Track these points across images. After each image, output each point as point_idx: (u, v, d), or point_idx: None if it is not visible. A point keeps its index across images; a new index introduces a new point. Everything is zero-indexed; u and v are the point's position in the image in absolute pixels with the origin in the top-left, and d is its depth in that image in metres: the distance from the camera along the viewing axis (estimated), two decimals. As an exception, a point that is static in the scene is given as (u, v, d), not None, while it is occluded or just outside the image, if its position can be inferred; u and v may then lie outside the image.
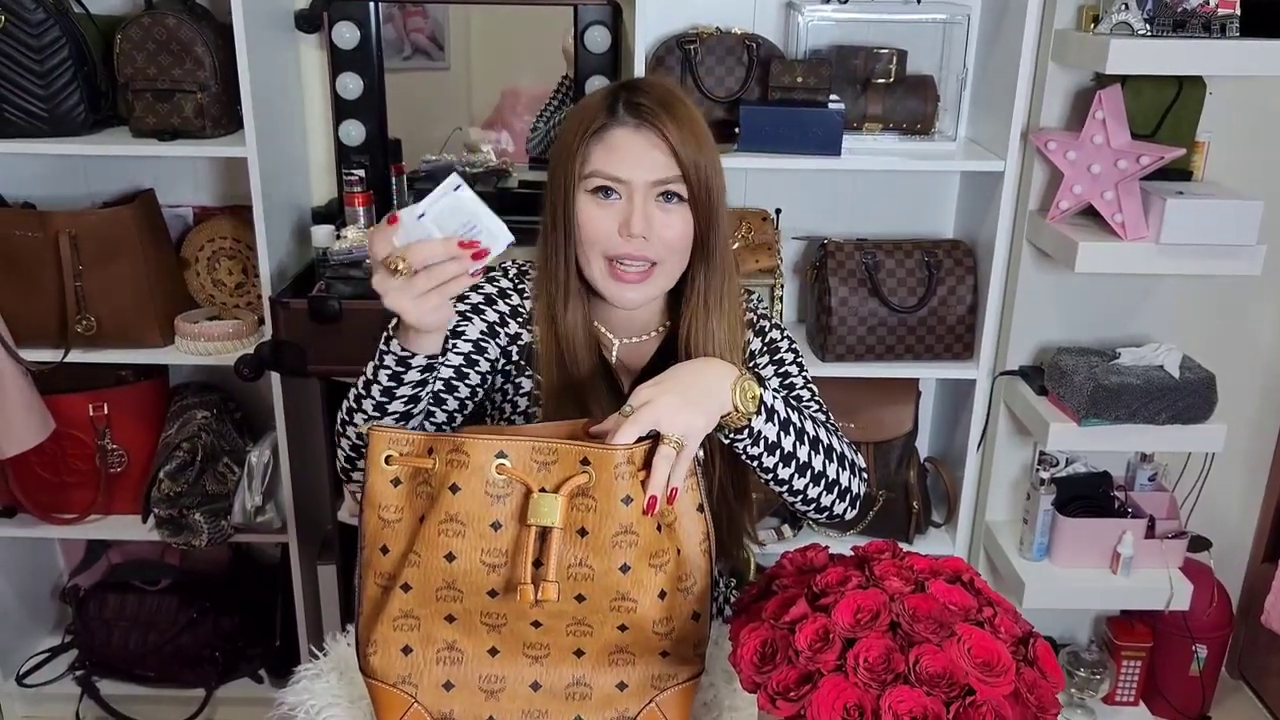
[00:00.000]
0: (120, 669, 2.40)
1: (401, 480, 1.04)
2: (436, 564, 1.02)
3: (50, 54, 1.98)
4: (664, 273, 1.24)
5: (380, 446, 1.04)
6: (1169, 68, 1.86)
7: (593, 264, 1.24)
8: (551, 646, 1.06)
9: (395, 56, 2.28)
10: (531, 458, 1.01)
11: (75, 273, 2.08)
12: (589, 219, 1.22)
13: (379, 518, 1.05)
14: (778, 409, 1.18)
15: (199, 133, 2.06)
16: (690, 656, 1.10)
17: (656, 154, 1.19)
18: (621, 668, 1.08)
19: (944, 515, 2.36)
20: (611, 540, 1.02)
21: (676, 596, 1.07)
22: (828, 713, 0.83)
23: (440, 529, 1.01)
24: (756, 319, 1.38)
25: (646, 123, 1.19)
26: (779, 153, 2.02)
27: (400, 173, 2.33)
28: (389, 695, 1.07)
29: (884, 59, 2.09)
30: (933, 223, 2.34)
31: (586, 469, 1.01)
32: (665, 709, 1.10)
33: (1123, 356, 2.07)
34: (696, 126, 1.22)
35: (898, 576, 0.92)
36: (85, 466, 2.26)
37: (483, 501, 1.01)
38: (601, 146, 1.21)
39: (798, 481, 1.21)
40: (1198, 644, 2.35)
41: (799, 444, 1.19)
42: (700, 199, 1.21)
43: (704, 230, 1.23)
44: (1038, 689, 0.86)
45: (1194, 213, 1.89)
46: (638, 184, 1.20)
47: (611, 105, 1.22)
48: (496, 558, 1.02)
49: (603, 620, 1.04)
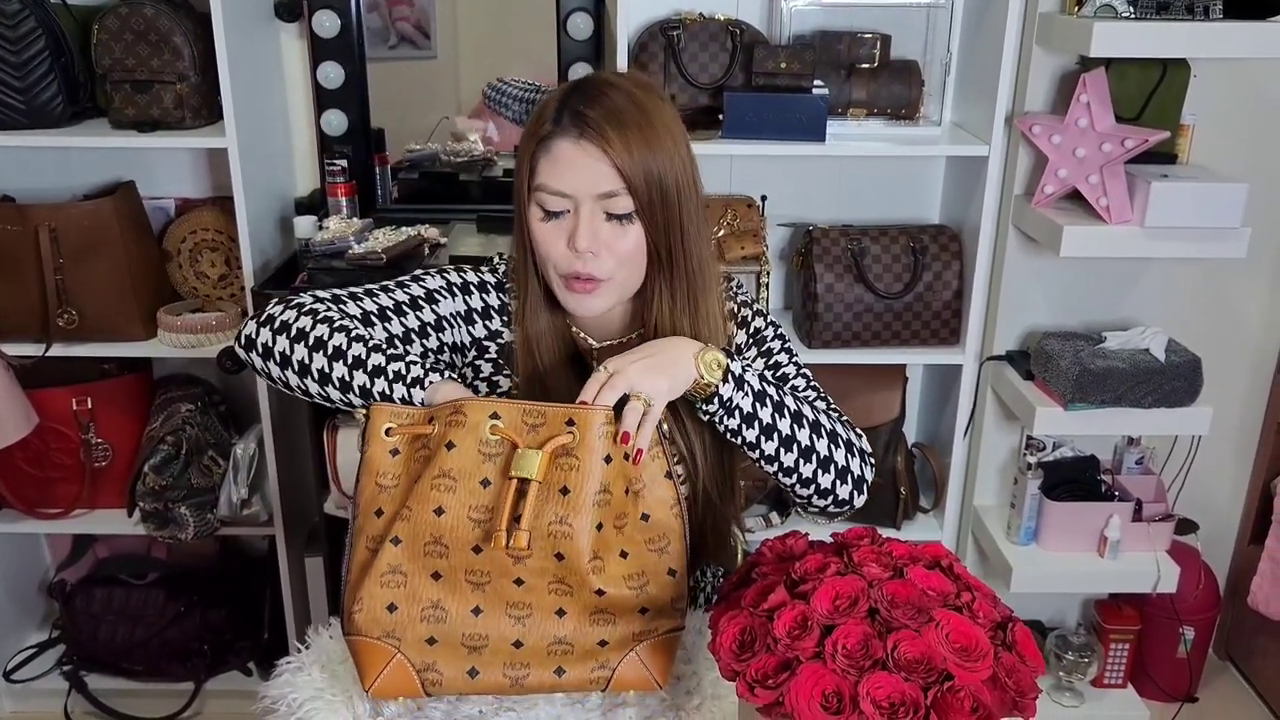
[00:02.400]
0: (108, 663, 2.39)
1: (400, 449, 1.09)
2: (426, 518, 1.05)
3: (26, 45, 1.96)
4: (617, 285, 1.22)
5: (381, 420, 1.09)
6: (1153, 50, 1.86)
7: (550, 278, 1.23)
8: (534, 606, 1.08)
9: (381, 45, 2.26)
10: (522, 419, 1.06)
11: (56, 266, 2.06)
12: (539, 234, 1.20)
13: (376, 484, 1.09)
14: (749, 380, 1.18)
15: (179, 124, 2.04)
16: (669, 610, 1.12)
17: (599, 166, 1.15)
18: (602, 627, 1.10)
19: (932, 501, 2.36)
20: (590, 499, 1.05)
21: (647, 556, 1.10)
22: (806, 700, 0.83)
23: (434, 484, 1.05)
24: (738, 308, 1.35)
25: (589, 133, 1.14)
26: (763, 139, 2.01)
27: (384, 163, 2.32)
28: (372, 648, 1.08)
29: (868, 44, 2.09)
30: (918, 208, 2.33)
31: (571, 429, 1.05)
32: (645, 658, 1.11)
33: (1108, 340, 2.07)
34: (649, 132, 1.16)
35: (876, 563, 0.92)
36: (69, 461, 2.25)
37: (475, 459, 1.05)
38: (547, 158, 1.17)
39: (786, 457, 1.20)
40: (1185, 626, 2.36)
41: (778, 416, 1.19)
42: (653, 207, 1.17)
43: (659, 240, 1.19)
44: (1016, 674, 0.86)
45: (1179, 196, 1.89)
46: (582, 197, 1.16)
47: (558, 113, 1.17)
48: (482, 514, 1.05)
49: (581, 583, 1.07)
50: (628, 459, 1.08)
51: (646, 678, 1.11)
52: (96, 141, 2.05)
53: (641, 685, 1.11)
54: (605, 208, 1.17)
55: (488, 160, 2.39)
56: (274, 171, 2.23)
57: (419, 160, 2.38)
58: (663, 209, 1.18)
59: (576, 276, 1.20)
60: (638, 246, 1.19)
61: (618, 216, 1.18)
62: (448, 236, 2.19)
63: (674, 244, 1.20)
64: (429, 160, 2.39)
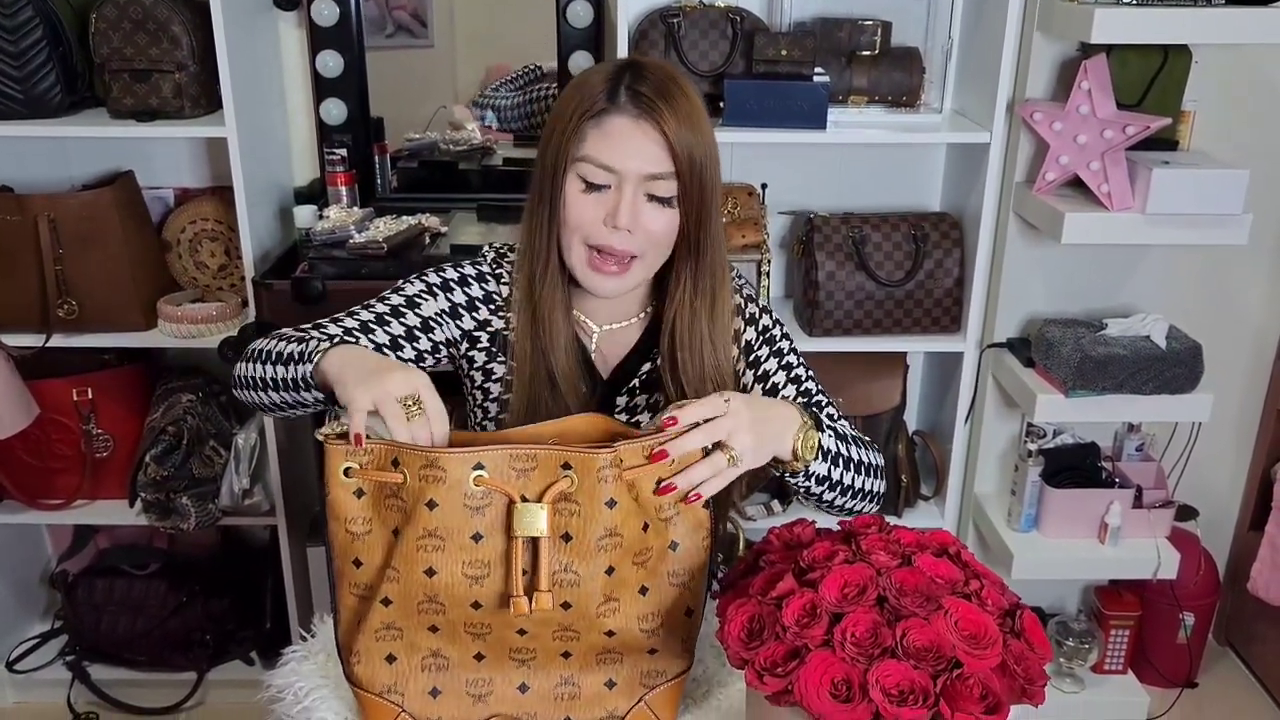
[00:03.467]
0: (111, 654, 2.39)
1: (365, 491, 1.00)
2: (416, 579, 0.99)
3: (24, 34, 1.95)
4: (643, 265, 1.22)
5: (338, 461, 0.99)
6: (1155, 36, 1.85)
7: (574, 249, 1.22)
8: (538, 651, 1.05)
9: (378, 34, 2.25)
10: (510, 465, 0.98)
11: (55, 256, 2.05)
12: (575, 203, 1.20)
13: (346, 531, 1.01)
14: (832, 448, 1.18)
15: (178, 113, 2.03)
16: (680, 652, 1.09)
17: (653, 148, 1.17)
18: (609, 666, 1.08)
19: (933, 488, 2.37)
20: (596, 544, 1.00)
21: (667, 592, 1.06)
22: (815, 687, 0.83)
23: (419, 544, 0.98)
24: (744, 303, 1.35)
25: (646, 114, 1.16)
26: (764, 127, 2.00)
27: (383, 152, 2.31)
28: (375, 705, 1.06)
29: (869, 31, 2.08)
30: (919, 196, 2.33)
31: (568, 473, 0.99)
32: (654, 707, 1.09)
33: (1109, 327, 2.07)
34: (696, 117, 1.18)
35: (884, 551, 0.92)
36: (70, 452, 2.24)
37: (461, 515, 0.98)
38: (599, 132, 1.17)
39: (838, 500, 1.24)
40: (1185, 612, 2.37)
41: (845, 471, 1.21)
42: (692, 195, 1.19)
43: (692, 226, 1.21)
44: (1025, 660, 0.86)
45: (1180, 182, 1.88)
46: (629, 175, 1.17)
47: (613, 90, 1.18)
48: (479, 569, 0.99)
49: (589, 626, 1.03)
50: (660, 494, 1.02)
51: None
52: (95, 131, 2.05)
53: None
54: (650, 189, 1.18)
55: (487, 149, 2.38)
56: (273, 161, 2.23)
57: (418, 149, 2.38)
58: (699, 197, 1.20)
59: (601, 251, 1.20)
60: (670, 230, 1.21)
61: (660, 199, 1.19)
62: (448, 225, 2.18)
63: (703, 234, 1.22)
64: (428, 149, 2.38)
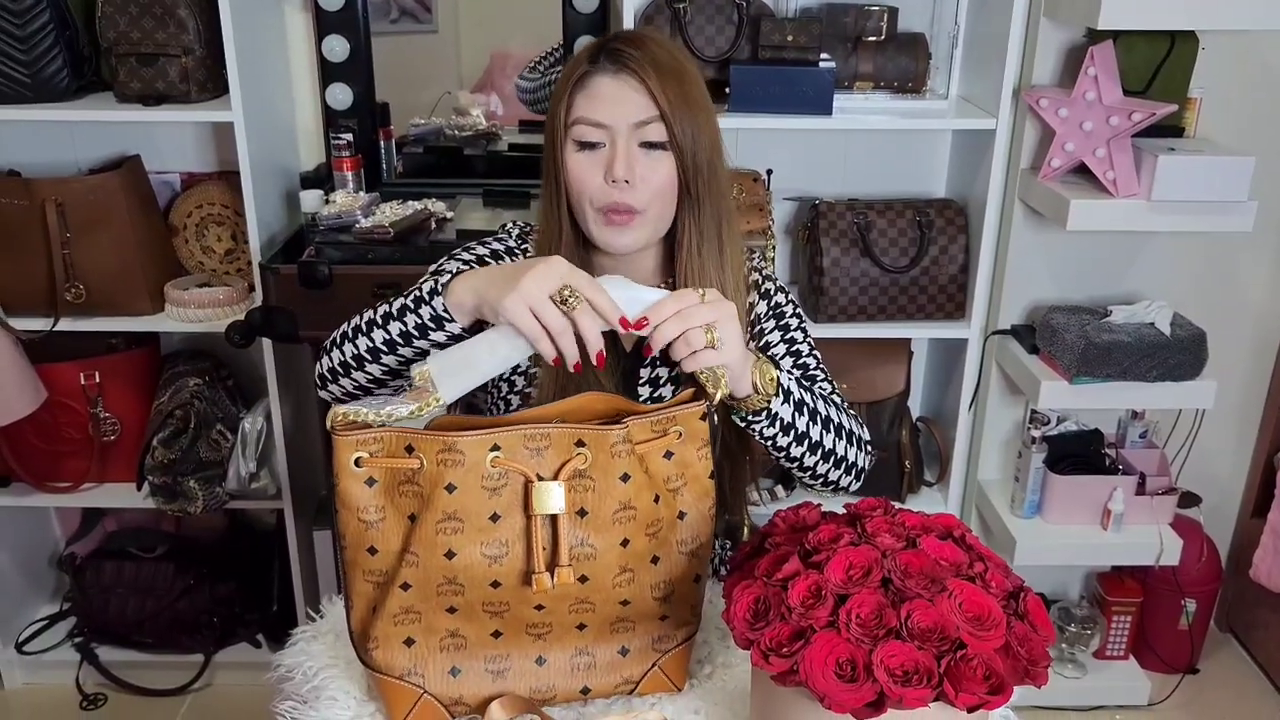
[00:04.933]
0: (118, 635, 2.42)
1: (376, 479, 1.00)
2: (436, 563, 1.00)
3: (31, 18, 1.95)
4: (650, 218, 1.24)
5: (348, 451, 0.98)
6: (1162, 23, 1.85)
7: (585, 215, 1.24)
8: (554, 624, 1.07)
9: (382, 19, 2.25)
10: (524, 445, 1.00)
11: (63, 241, 2.06)
12: (575, 168, 1.23)
13: (359, 520, 1.00)
14: (794, 391, 1.19)
15: (184, 97, 2.04)
16: (688, 617, 1.11)
17: (636, 97, 1.20)
18: (623, 635, 1.09)
19: (936, 474, 2.37)
20: (611, 518, 1.02)
21: (677, 560, 1.07)
22: (820, 668, 0.84)
23: (439, 528, 0.99)
24: (761, 280, 1.37)
25: (626, 68, 1.20)
26: (770, 112, 2.00)
27: (389, 137, 2.31)
28: (396, 689, 1.06)
29: (875, 16, 2.08)
30: (924, 182, 2.33)
31: (582, 450, 1.00)
32: (667, 670, 1.12)
33: (1114, 314, 2.08)
34: (676, 66, 1.22)
35: (889, 533, 0.93)
36: (78, 435, 2.26)
37: (479, 496, 0.99)
38: (583, 94, 1.22)
39: (808, 459, 1.24)
40: (1187, 598, 2.38)
41: (812, 424, 1.21)
42: (684, 139, 1.21)
43: (689, 174, 1.23)
44: (1029, 642, 0.87)
45: (1186, 169, 1.89)
46: (619, 128, 1.20)
47: (593, 55, 1.23)
48: (497, 549, 1.00)
49: (605, 598, 1.05)
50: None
51: (668, 684, 1.12)
52: (102, 115, 2.05)
53: (664, 690, 1.13)
54: (641, 136, 1.21)
55: (492, 134, 2.38)
56: (279, 145, 2.23)
57: (423, 135, 2.38)
58: (693, 143, 1.22)
59: (614, 209, 1.22)
60: (670, 178, 1.23)
61: (653, 145, 1.21)
62: (454, 211, 2.19)
63: (701, 181, 1.24)
64: (433, 134, 2.38)
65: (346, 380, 1.22)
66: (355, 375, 1.20)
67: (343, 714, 1.11)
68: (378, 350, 1.17)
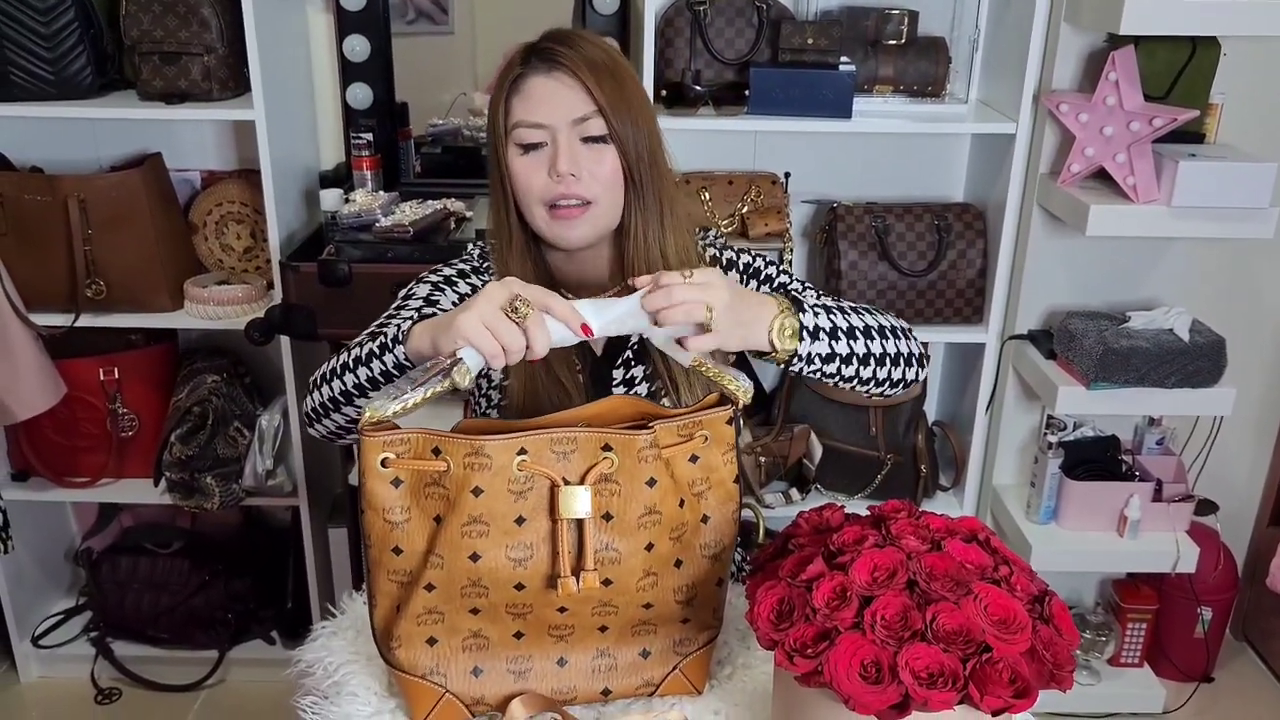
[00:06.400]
0: (134, 630, 2.43)
1: (403, 479, 1.00)
2: (461, 565, 1.00)
3: (56, 16, 1.97)
4: (601, 210, 1.24)
5: (375, 452, 0.99)
6: (1185, 28, 1.84)
7: (534, 215, 1.25)
8: (576, 627, 1.07)
9: (399, 20, 2.26)
10: (550, 449, 1.00)
11: (84, 237, 2.07)
12: (519, 171, 1.23)
13: (385, 520, 1.01)
14: (821, 325, 1.16)
15: (206, 96, 2.05)
16: (710, 621, 1.11)
17: (571, 94, 1.21)
18: (644, 637, 1.09)
19: (952, 479, 2.37)
20: (637, 522, 1.02)
21: (700, 564, 1.08)
22: (845, 669, 0.84)
23: (464, 531, 0.99)
24: (719, 253, 1.36)
25: (559, 65, 1.21)
26: (789, 115, 2.01)
27: (407, 137, 2.32)
28: (419, 688, 1.07)
29: (895, 20, 2.08)
30: (943, 186, 2.32)
31: (609, 454, 1.00)
32: (688, 673, 1.12)
33: (1132, 320, 2.07)
34: (615, 67, 1.23)
35: (914, 535, 0.93)
36: (97, 430, 2.27)
37: (505, 500, 0.99)
38: (519, 97, 1.22)
39: (864, 372, 1.22)
40: (1203, 606, 2.37)
41: (853, 340, 1.19)
42: (624, 135, 1.22)
43: (632, 163, 1.23)
44: (1054, 646, 0.87)
45: (1206, 175, 1.88)
46: (559, 126, 1.21)
47: (525, 57, 1.24)
48: (522, 551, 1.00)
49: (628, 601, 1.05)
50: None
51: (689, 687, 1.13)
52: (124, 113, 2.06)
53: (684, 692, 1.13)
54: (581, 132, 1.22)
55: (509, 135, 2.38)
56: (299, 144, 2.24)
57: (441, 135, 2.39)
58: (634, 133, 1.23)
59: (560, 202, 1.22)
60: (615, 170, 1.23)
61: (594, 139, 1.22)
62: (473, 210, 2.19)
63: (644, 170, 1.24)
64: (451, 135, 2.39)
65: (328, 421, 1.23)
66: (334, 416, 1.22)
67: (363, 709, 1.11)
68: (350, 394, 1.18)
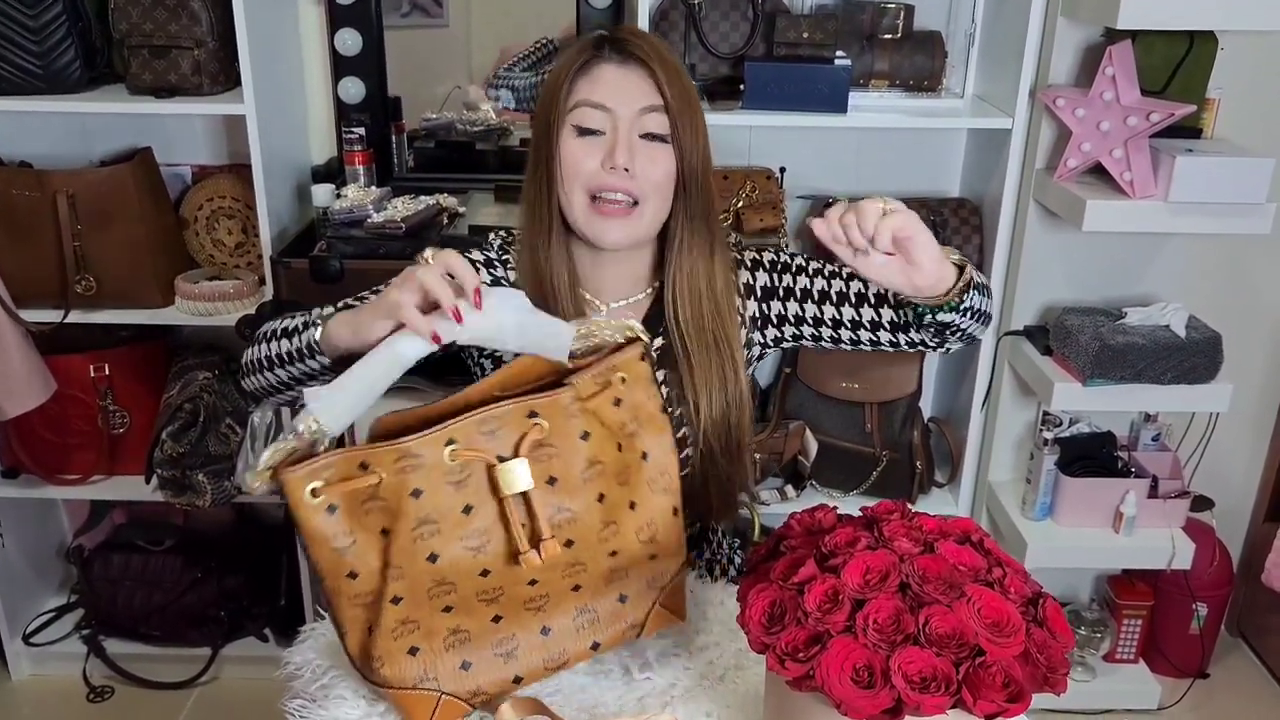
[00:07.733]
0: (126, 628, 2.41)
1: (337, 504, 0.97)
2: (421, 569, 0.99)
3: (44, 9, 1.95)
4: (647, 212, 1.23)
5: (300, 487, 0.95)
6: (1183, 22, 1.83)
7: (574, 202, 1.23)
8: (550, 594, 1.07)
9: (393, 13, 2.24)
10: (478, 430, 0.99)
11: (74, 232, 2.06)
12: (571, 153, 1.22)
13: (331, 550, 0.98)
14: (975, 278, 1.16)
15: (196, 90, 2.03)
16: (675, 550, 1.11)
17: (642, 84, 1.21)
18: (618, 584, 1.09)
19: (947, 475, 2.36)
20: (581, 478, 1.03)
21: (652, 499, 1.09)
22: (837, 673, 0.83)
23: (415, 536, 0.98)
24: (743, 257, 1.35)
25: (633, 57, 1.21)
26: (784, 110, 1.99)
27: (400, 131, 2.31)
28: (413, 698, 1.05)
29: (891, 14, 2.06)
30: (939, 181, 2.31)
31: (536, 420, 1.01)
32: (667, 605, 1.12)
33: (1129, 316, 2.06)
34: (683, 72, 1.24)
35: (907, 537, 0.92)
36: (87, 427, 2.25)
37: (447, 493, 0.98)
38: (587, 79, 1.22)
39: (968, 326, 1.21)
40: (1198, 603, 2.36)
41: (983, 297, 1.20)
42: (684, 133, 1.21)
43: (687, 170, 1.23)
44: (1048, 649, 0.86)
45: (1204, 171, 1.87)
46: (623, 115, 1.20)
47: (598, 43, 1.23)
48: (477, 539, 1.00)
49: (594, 555, 1.06)
50: None
51: (671, 618, 1.13)
52: (114, 107, 2.05)
53: (668, 624, 1.13)
54: (644, 126, 1.21)
55: (503, 129, 2.37)
56: (291, 139, 2.22)
57: (435, 129, 2.37)
58: (692, 138, 1.22)
59: (606, 194, 1.21)
60: (669, 174, 1.22)
61: (655, 136, 1.21)
62: (465, 206, 2.18)
63: (697, 181, 1.24)
64: (445, 129, 2.37)
65: (258, 377, 1.24)
66: (263, 376, 1.23)
67: (352, 713, 1.10)
68: (277, 359, 1.19)
